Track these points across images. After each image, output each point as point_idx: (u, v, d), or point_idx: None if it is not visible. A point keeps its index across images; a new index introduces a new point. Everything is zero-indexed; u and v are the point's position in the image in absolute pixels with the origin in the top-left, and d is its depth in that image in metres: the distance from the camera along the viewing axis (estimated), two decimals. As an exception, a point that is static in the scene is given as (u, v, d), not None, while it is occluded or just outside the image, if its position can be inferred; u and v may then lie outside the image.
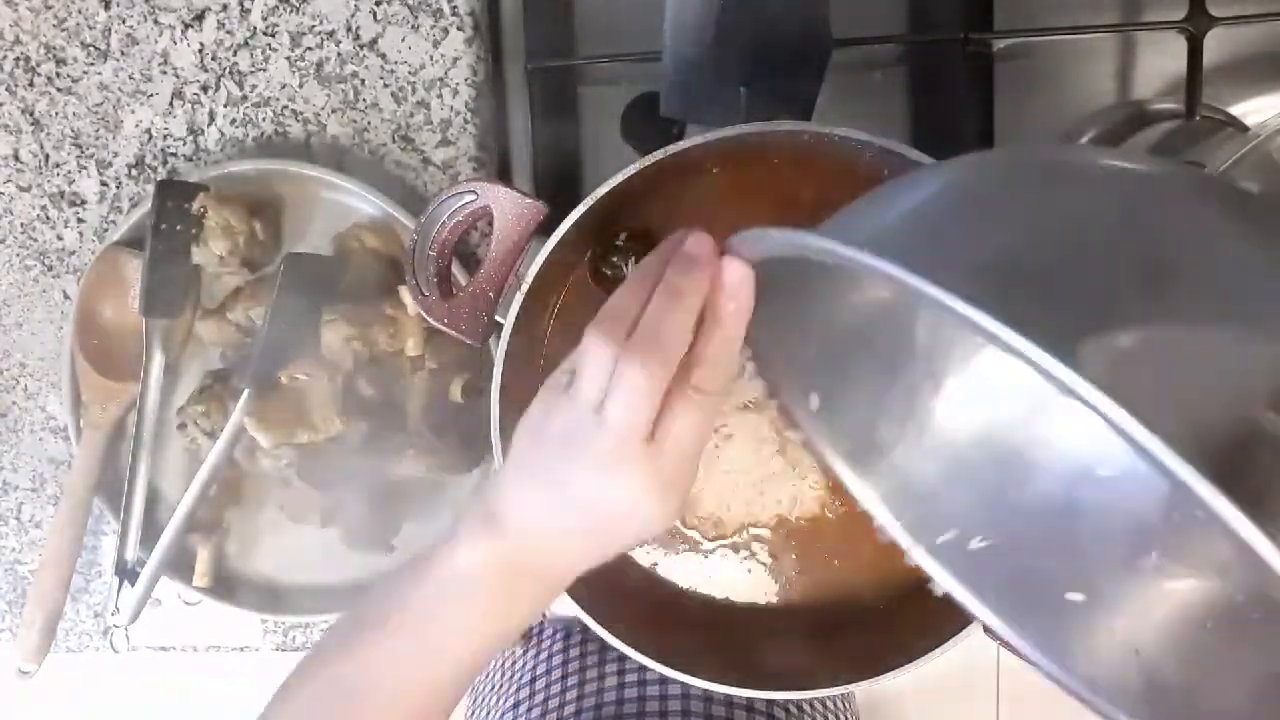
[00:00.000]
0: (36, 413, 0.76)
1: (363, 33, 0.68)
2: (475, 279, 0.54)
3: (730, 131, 0.50)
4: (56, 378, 0.74)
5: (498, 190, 0.53)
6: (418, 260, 0.54)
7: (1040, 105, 0.66)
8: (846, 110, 0.66)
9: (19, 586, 0.78)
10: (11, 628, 0.79)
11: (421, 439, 0.66)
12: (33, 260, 0.74)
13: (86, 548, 0.73)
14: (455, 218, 0.53)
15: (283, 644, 0.75)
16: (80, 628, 0.78)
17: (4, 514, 0.78)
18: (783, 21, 0.53)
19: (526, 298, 0.53)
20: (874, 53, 0.66)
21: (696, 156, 0.53)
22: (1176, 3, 0.60)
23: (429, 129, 0.68)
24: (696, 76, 0.54)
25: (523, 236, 0.53)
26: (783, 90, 0.56)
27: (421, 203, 0.68)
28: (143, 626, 0.71)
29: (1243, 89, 0.64)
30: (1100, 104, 0.66)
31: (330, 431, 0.64)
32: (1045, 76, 0.66)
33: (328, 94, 0.68)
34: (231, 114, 0.70)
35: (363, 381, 0.65)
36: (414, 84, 0.68)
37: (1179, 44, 0.60)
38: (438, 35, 0.67)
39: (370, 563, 0.69)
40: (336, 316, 0.64)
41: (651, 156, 0.51)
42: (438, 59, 0.67)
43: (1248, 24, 0.61)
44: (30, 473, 0.77)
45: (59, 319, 0.74)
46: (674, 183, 0.57)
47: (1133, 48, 0.65)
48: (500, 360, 0.53)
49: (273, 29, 0.68)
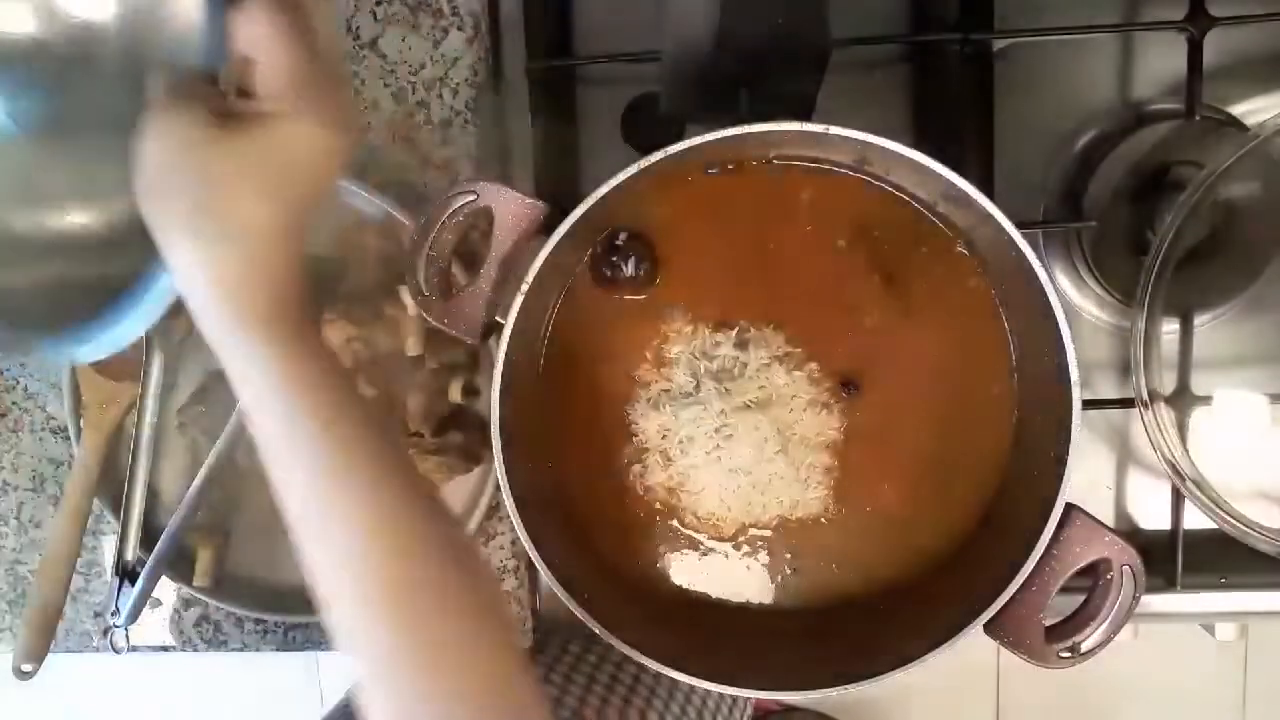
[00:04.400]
0: (36, 413, 0.76)
1: (363, 33, 0.67)
2: (475, 279, 0.54)
3: (730, 131, 0.50)
4: (56, 378, 0.73)
5: (498, 190, 0.53)
6: (418, 260, 0.54)
7: (1040, 105, 0.66)
8: (846, 110, 0.66)
9: (19, 586, 0.78)
10: (12, 628, 0.79)
11: (421, 439, 0.66)
12: (33, 260, 0.74)
13: (86, 548, 0.73)
14: (455, 218, 0.53)
15: (282, 644, 0.75)
16: (80, 628, 0.78)
17: (4, 514, 0.78)
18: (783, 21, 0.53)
19: (526, 298, 0.53)
20: (874, 53, 0.66)
21: (696, 157, 0.53)
22: (1176, 3, 0.60)
23: (429, 129, 0.68)
24: (696, 76, 0.54)
25: (523, 236, 0.53)
26: (783, 90, 0.56)
27: (421, 203, 0.68)
28: (143, 626, 0.71)
29: (1243, 89, 0.64)
30: (1100, 104, 0.66)
31: (330, 431, 0.64)
32: (1045, 76, 0.66)
33: (328, 94, 0.68)
34: (231, 114, 0.70)
35: (363, 381, 0.65)
36: (414, 84, 0.68)
37: (1179, 44, 0.60)
38: (438, 35, 0.67)
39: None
40: (336, 316, 0.64)
41: (651, 156, 0.51)
42: (438, 59, 0.67)
43: (1248, 24, 0.61)
44: (30, 473, 0.77)
45: (59, 319, 0.74)
46: (674, 183, 0.57)
47: (1133, 48, 0.65)
48: (500, 360, 0.53)
49: (273, 29, 0.68)
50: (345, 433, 0.38)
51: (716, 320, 0.57)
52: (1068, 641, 0.52)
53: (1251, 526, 0.57)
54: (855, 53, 0.65)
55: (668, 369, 0.58)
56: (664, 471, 0.58)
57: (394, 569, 0.38)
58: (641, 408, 0.58)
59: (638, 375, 0.58)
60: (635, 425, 0.58)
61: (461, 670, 0.39)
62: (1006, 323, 0.57)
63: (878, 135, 0.50)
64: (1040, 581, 0.52)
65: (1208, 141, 0.63)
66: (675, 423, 0.57)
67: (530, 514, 0.54)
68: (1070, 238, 0.66)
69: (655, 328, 0.58)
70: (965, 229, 0.55)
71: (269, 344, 0.37)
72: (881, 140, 0.50)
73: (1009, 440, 0.57)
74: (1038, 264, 0.50)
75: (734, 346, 0.57)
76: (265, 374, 0.37)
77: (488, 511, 0.68)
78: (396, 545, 0.38)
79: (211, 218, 0.36)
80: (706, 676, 0.53)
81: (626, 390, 0.58)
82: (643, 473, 0.59)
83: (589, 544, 0.59)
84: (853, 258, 0.57)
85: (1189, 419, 0.60)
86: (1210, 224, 0.60)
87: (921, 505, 0.58)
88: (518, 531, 0.53)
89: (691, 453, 0.57)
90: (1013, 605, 0.52)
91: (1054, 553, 0.51)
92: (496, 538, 0.71)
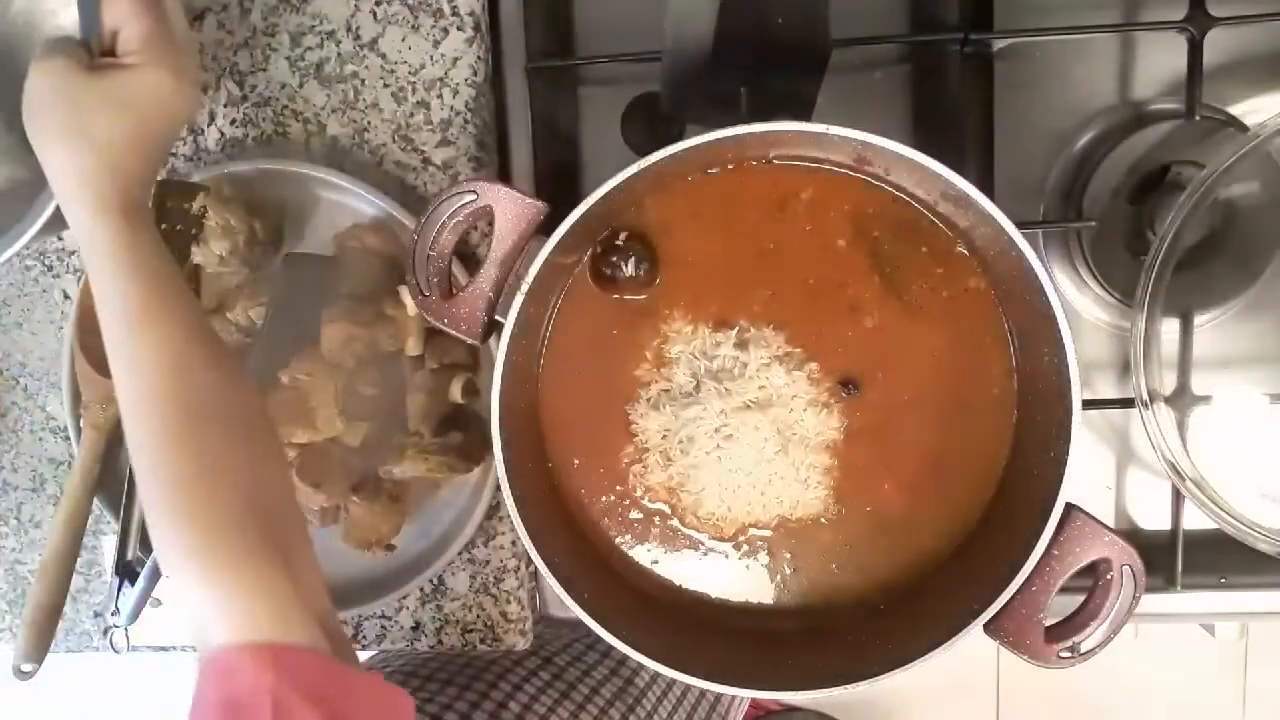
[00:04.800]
0: (36, 413, 0.76)
1: (363, 33, 0.68)
2: (475, 279, 0.54)
3: (730, 131, 0.50)
4: (56, 378, 0.74)
5: (498, 190, 0.53)
6: (418, 260, 0.54)
7: (1040, 105, 0.66)
8: (846, 110, 0.66)
9: (19, 586, 0.78)
10: (12, 628, 0.79)
11: (421, 439, 0.66)
12: (33, 260, 0.74)
13: (86, 548, 0.73)
14: (455, 218, 0.53)
15: (283, 644, 0.75)
16: (80, 628, 0.78)
17: (4, 514, 0.78)
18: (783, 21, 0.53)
19: (526, 298, 0.53)
20: (874, 53, 0.66)
21: (696, 156, 0.53)
22: (1176, 3, 0.60)
23: (429, 129, 0.68)
24: (696, 76, 0.54)
25: (523, 236, 0.53)
26: (783, 90, 0.56)
27: (421, 203, 0.68)
28: (143, 626, 0.71)
29: (1243, 89, 0.64)
30: (1100, 104, 0.66)
31: (331, 431, 0.64)
32: (1045, 76, 0.66)
33: (328, 94, 0.68)
34: (231, 114, 0.70)
35: (363, 381, 0.65)
36: (414, 84, 0.68)
37: (1179, 44, 0.60)
38: (438, 35, 0.67)
39: (370, 563, 0.69)
40: (336, 316, 0.64)
41: (651, 156, 0.51)
42: (438, 59, 0.67)
43: (1248, 24, 0.61)
44: (30, 473, 0.77)
45: (59, 319, 0.74)
46: (674, 183, 0.57)
47: (1133, 48, 0.65)
48: (500, 360, 0.53)
49: (273, 29, 0.68)
50: (155, 290, 0.49)
51: (716, 320, 0.57)
52: (1068, 641, 0.52)
53: (1251, 526, 0.57)
54: (855, 53, 0.65)
55: (668, 369, 0.58)
56: (664, 471, 0.58)
57: (183, 400, 0.48)
58: (641, 408, 0.58)
59: (638, 375, 0.58)
60: (635, 425, 0.58)
61: (237, 487, 0.48)
62: (1006, 323, 0.57)
63: (878, 135, 0.50)
64: (1040, 581, 0.52)
65: (1208, 141, 0.63)
66: (675, 423, 0.57)
67: (530, 514, 0.54)
68: (1070, 238, 0.66)
69: (655, 328, 0.58)
70: (965, 229, 0.55)
71: (116, 225, 0.49)
72: (881, 140, 0.50)
73: (1009, 440, 0.57)
74: (1037, 264, 0.50)
75: (734, 346, 0.57)
76: (110, 244, 0.49)
77: (488, 511, 0.68)
78: (188, 381, 0.49)
79: (78, 131, 0.49)
80: (706, 676, 0.53)
81: (626, 390, 0.58)
82: (643, 473, 0.59)
83: (589, 544, 0.59)
84: (853, 258, 0.57)
85: (1189, 419, 0.60)
86: (1210, 224, 0.60)
87: (921, 505, 0.58)
88: (518, 531, 0.53)
89: (691, 453, 0.57)
90: (1013, 605, 0.52)
91: (1054, 553, 0.51)
92: (496, 538, 0.71)
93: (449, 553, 0.68)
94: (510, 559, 0.71)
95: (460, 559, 0.71)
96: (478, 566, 0.71)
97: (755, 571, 0.59)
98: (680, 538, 0.59)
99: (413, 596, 0.72)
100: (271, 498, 0.49)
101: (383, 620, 0.73)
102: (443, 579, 0.72)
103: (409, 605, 0.73)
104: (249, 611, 0.45)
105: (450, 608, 0.72)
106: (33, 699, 1.59)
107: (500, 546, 0.71)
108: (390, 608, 0.73)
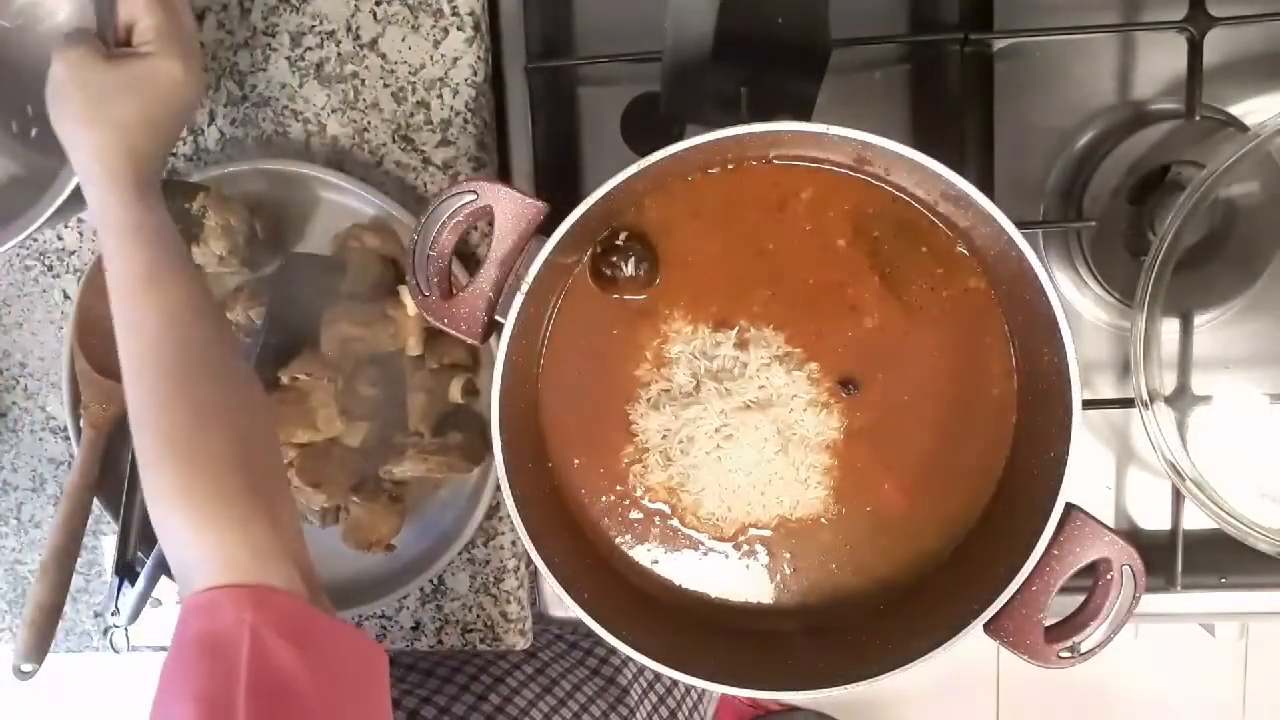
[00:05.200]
0: (36, 413, 0.76)
1: (363, 33, 0.68)
2: (475, 279, 0.54)
3: (730, 131, 0.50)
4: (56, 378, 0.74)
5: (498, 190, 0.53)
6: (418, 260, 0.54)
7: (1040, 105, 0.66)
8: (846, 110, 0.66)
9: (19, 586, 0.78)
10: (12, 628, 0.79)
11: (421, 439, 0.66)
12: (33, 260, 0.74)
13: (86, 548, 0.73)
14: (455, 218, 0.53)
15: (283, 644, 0.75)
16: (80, 628, 0.78)
17: (4, 514, 0.78)
18: (783, 21, 0.53)
19: (526, 298, 0.53)
20: (874, 53, 0.67)
21: (696, 156, 0.53)
22: (1176, 3, 0.60)
23: (429, 129, 0.68)
24: (696, 76, 0.54)
25: (523, 236, 0.53)
26: (783, 90, 0.56)
27: (421, 203, 0.68)
28: (143, 626, 0.71)
29: (1243, 89, 0.64)
30: (1100, 104, 0.66)
31: (331, 431, 0.64)
32: (1045, 76, 0.66)
33: (328, 94, 0.68)
34: (231, 114, 0.70)
35: (363, 381, 0.65)
36: (414, 84, 0.68)
37: (1179, 44, 0.60)
38: (438, 35, 0.67)
39: (370, 563, 0.69)
40: (336, 316, 0.64)
41: (651, 156, 0.51)
42: (438, 59, 0.67)
43: (1248, 24, 0.61)
44: (30, 473, 0.77)
45: (59, 319, 0.74)
46: (674, 183, 0.57)
47: (1133, 48, 0.65)
48: (500, 360, 0.53)
49: (273, 29, 0.68)
50: (161, 258, 0.53)
51: (716, 320, 0.57)
52: (1068, 641, 0.52)
53: (1251, 526, 0.57)
54: (855, 53, 0.65)
55: (668, 369, 0.58)
56: (664, 471, 0.58)
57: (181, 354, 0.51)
58: (641, 408, 0.58)
59: (638, 375, 0.58)
60: (635, 425, 0.58)
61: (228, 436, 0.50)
62: (1006, 323, 0.57)
63: (878, 135, 0.50)
64: (1040, 581, 0.52)
65: (1208, 141, 0.63)
66: (675, 423, 0.57)
67: (530, 514, 0.54)
68: (1070, 238, 0.66)
69: (655, 328, 0.58)
70: (965, 229, 0.55)
71: (128, 199, 0.53)
72: (881, 140, 0.50)
73: (1009, 440, 0.57)
74: (1037, 264, 0.50)
75: (734, 346, 0.57)
76: (122, 215, 0.53)
77: (488, 511, 0.68)
78: (186, 336, 0.52)
79: (96, 113, 0.53)
80: (707, 676, 0.53)
81: (627, 390, 0.58)
82: (643, 473, 0.59)
83: (589, 544, 0.59)
84: (853, 258, 0.57)
85: (1189, 419, 0.60)
86: (1210, 224, 0.60)
87: (921, 505, 0.58)
88: (518, 531, 0.53)
89: (691, 453, 0.57)
90: (1013, 605, 0.52)
91: (1054, 553, 0.51)
92: (496, 538, 0.71)
93: (449, 553, 0.68)
94: (510, 559, 0.71)
95: (460, 559, 0.71)
96: (478, 566, 0.71)
97: (755, 571, 0.59)
98: (680, 538, 0.59)
99: (413, 596, 0.72)
100: (258, 447, 0.52)
101: (383, 620, 0.73)
102: (443, 579, 0.72)
103: (409, 605, 0.73)
104: (232, 555, 0.47)
105: (450, 608, 0.72)
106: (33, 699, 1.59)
107: (500, 546, 0.71)
108: (390, 608, 0.73)
